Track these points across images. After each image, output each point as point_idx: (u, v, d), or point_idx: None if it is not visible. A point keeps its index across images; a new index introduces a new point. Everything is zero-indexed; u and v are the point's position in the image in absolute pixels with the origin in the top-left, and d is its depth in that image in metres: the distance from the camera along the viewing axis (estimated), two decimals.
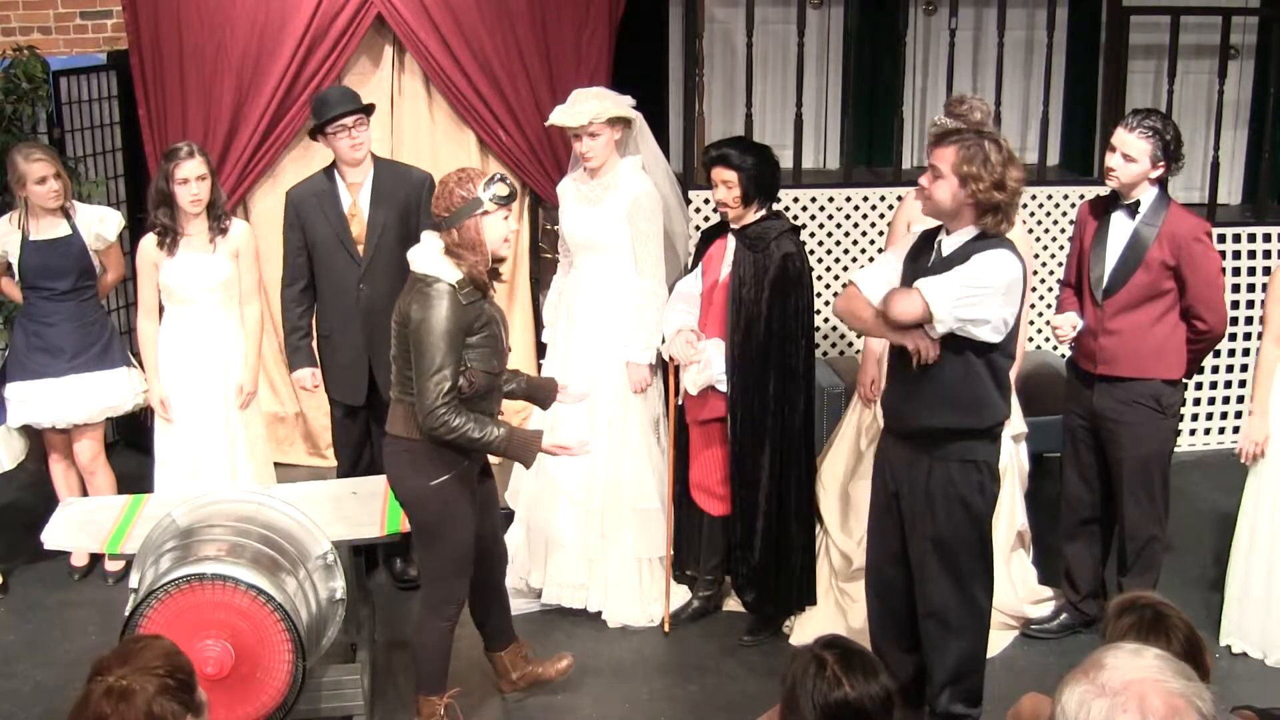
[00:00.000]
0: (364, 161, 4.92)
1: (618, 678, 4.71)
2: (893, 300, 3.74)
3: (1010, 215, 3.74)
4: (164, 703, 2.56)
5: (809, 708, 2.65)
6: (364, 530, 4.32)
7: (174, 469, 5.12)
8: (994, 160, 3.66)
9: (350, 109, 4.81)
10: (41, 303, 5.15)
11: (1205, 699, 1.95)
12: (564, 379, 4.77)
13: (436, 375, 3.76)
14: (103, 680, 2.56)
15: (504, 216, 3.90)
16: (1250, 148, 7.00)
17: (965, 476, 3.86)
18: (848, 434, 5.20)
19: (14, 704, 4.50)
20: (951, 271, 3.69)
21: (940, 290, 3.67)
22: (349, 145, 4.84)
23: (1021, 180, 3.73)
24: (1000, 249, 3.71)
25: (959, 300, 3.66)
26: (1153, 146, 4.41)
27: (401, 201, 4.90)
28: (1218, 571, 5.31)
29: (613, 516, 4.97)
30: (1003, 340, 3.76)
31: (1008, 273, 3.68)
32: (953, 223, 3.78)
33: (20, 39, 6.30)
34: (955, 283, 3.67)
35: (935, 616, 3.98)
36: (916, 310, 3.69)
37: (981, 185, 3.66)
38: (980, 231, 3.74)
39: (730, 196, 4.64)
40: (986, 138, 3.72)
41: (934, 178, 3.76)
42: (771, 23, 6.72)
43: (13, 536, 5.56)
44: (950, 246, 3.79)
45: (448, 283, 3.81)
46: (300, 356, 5.03)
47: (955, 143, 3.71)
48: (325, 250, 4.93)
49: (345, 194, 4.94)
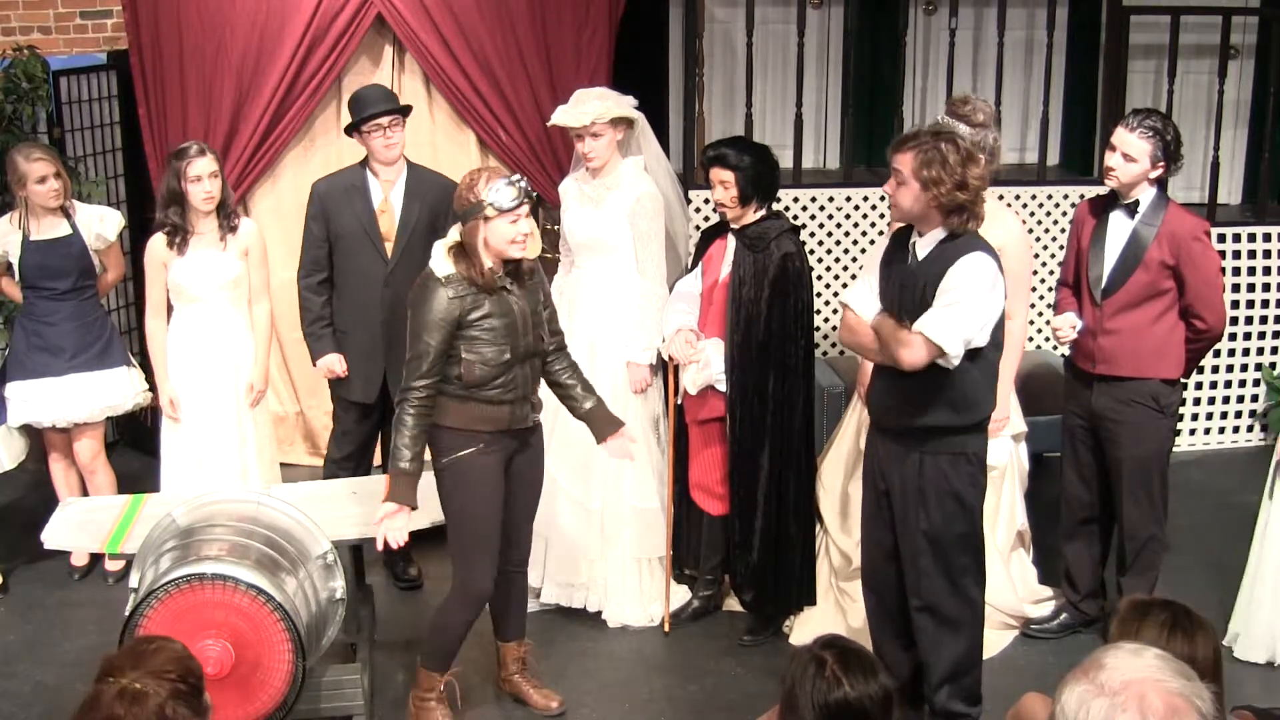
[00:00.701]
0: (398, 161, 4.94)
1: (618, 678, 4.71)
2: (900, 352, 3.73)
3: (977, 212, 3.76)
4: (176, 707, 2.56)
5: (808, 708, 2.65)
6: (364, 530, 4.32)
7: (182, 468, 5.10)
8: (952, 162, 3.68)
9: (386, 109, 4.83)
10: (41, 302, 5.15)
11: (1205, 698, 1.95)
12: None
13: (412, 361, 3.98)
14: (114, 682, 2.55)
15: (510, 220, 3.93)
16: (1250, 148, 6.99)
17: (956, 470, 3.87)
18: (848, 433, 5.19)
19: (14, 704, 4.50)
20: (942, 303, 3.69)
21: (942, 327, 3.67)
22: (383, 144, 4.86)
23: (983, 177, 3.75)
24: (971, 253, 3.72)
25: (961, 326, 3.68)
26: (1153, 146, 4.41)
27: (433, 203, 4.92)
28: (1218, 571, 5.31)
29: (613, 516, 4.97)
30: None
31: (987, 275, 3.71)
32: (922, 225, 3.82)
33: (20, 39, 6.30)
34: (951, 313, 3.68)
35: (929, 611, 3.99)
36: (925, 356, 3.70)
37: (943, 189, 3.68)
38: (950, 233, 3.75)
39: (728, 197, 4.65)
40: (943, 139, 3.73)
41: (897, 184, 3.79)
42: (771, 23, 6.72)
43: (13, 536, 5.56)
44: (925, 249, 3.82)
45: (439, 276, 3.96)
46: (324, 344, 5.00)
47: (913, 147, 3.73)
48: (351, 244, 4.93)
49: (377, 189, 4.95)
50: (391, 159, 4.91)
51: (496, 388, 4.02)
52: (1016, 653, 4.84)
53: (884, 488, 4.00)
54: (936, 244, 3.78)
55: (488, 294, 3.97)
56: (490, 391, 4.02)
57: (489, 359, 3.98)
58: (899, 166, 3.77)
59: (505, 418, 4.07)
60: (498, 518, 4.13)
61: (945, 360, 3.70)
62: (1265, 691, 4.48)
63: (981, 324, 3.71)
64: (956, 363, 3.71)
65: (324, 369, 5.05)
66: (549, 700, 4.45)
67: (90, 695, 2.57)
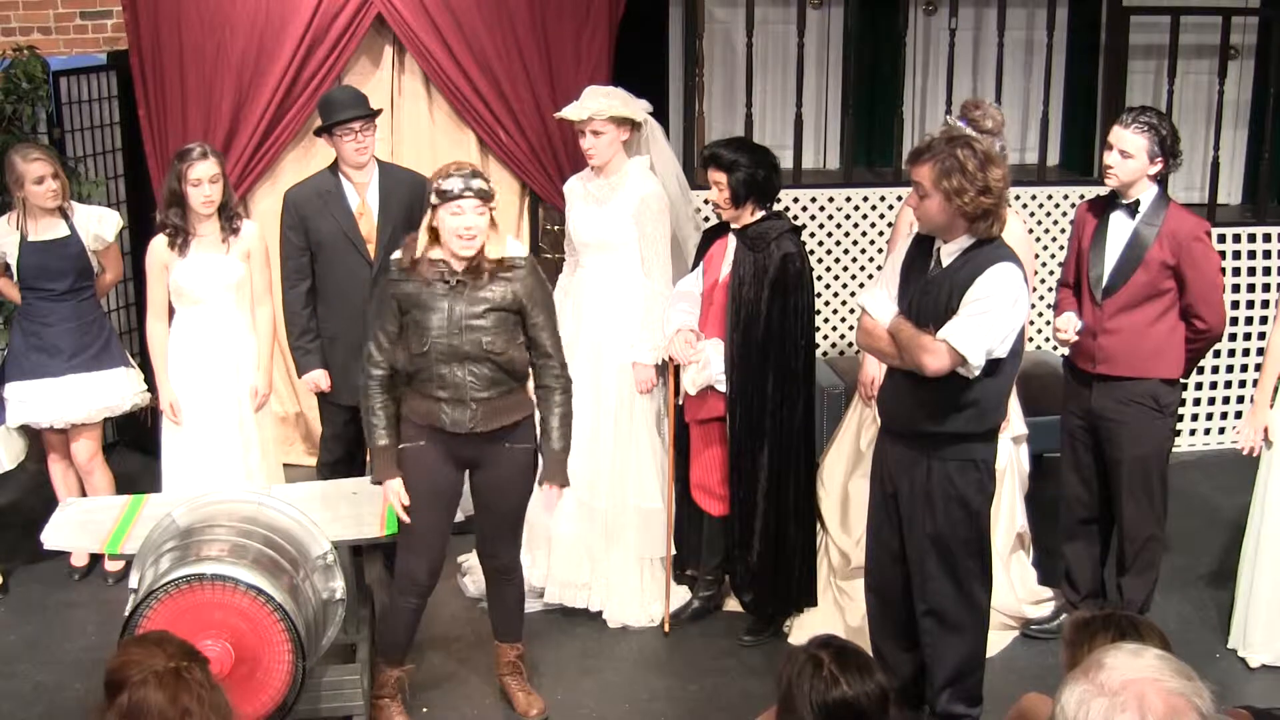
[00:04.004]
0: (369, 163, 4.93)
1: (618, 678, 4.71)
2: (923, 358, 3.71)
3: (1001, 214, 3.74)
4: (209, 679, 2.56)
5: (806, 707, 2.65)
6: (364, 530, 4.32)
7: (184, 471, 5.07)
8: (971, 168, 3.65)
9: (357, 114, 4.82)
10: (40, 303, 5.15)
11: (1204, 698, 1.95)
12: None
13: (369, 338, 4.15)
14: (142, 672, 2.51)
15: (453, 211, 3.93)
16: (1250, 148, 7.00)
17: (964, 476, 3.86)
18: (847, 433, 5.20)
19: (14, 704, 4.50)
20: (968, 312, 3.68)
21: (967, 336, 3.66)
22: (354, 149, 4.85)
23: (1004, 178, 3.73)
24: (1000, 263, 3.70)
25: (986, 336, 3.67)
26: (1149, 142, 4.41)
27: (408, 200, 4.91)
28: (1218, 571, 5.32)
29: (616, 516, 4.97)
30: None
31: (1013, 287, 3.69)
32: (947, 234, 3.78)
33: (20, 39, 6.30)
34: (977, 323, 3.66)
35: (934, 615, 3.98)
36: (948, 363, 3.69)
37: (967, 196, 3.65)
38: (976, 240, 3.74)
39: (720, 197, 4.64)
40: (959, 145, 3.69)
41: (920, 197, 3.77)
42: (771, 23, 6.73)
43: (13, 536, 5.56)
44: (950, 255, 3.79)
45: (394, 257, 4.12)
46: (311, 359, 5.00)
47: (930, 159, 3.70)
48: (333, 250, 4.91)
49: (353, 193, 4.94)
50: (363, 163, 4.89)
51: (425, 381, 4.06)
52: (1016, 653, 4.84)
53: (892, 490, 3.99)
54: (962, 251, 3.76)
55: (423, 284, 4.01)
56: (420, 384, 4.08)
57: (411, 349, 4.05)
58: (919, 180, 3.73)
59: (437, 415, 4.06)
60: (436, 516, 4.16)
61: (966, 369, 3.69)
62: (1265, 691, 4.49)
63: (1004, 335, 3.70)
64: (977, 373, 3.70)
65: (308, 384, 5.07)
66: (529, 706, 4.44)
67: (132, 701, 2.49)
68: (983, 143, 3.87)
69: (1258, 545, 4.68)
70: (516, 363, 4.11)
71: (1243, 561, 4.77)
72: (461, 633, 4.92)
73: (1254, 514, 4.72)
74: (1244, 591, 4.76)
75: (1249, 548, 4.73)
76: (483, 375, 4.04)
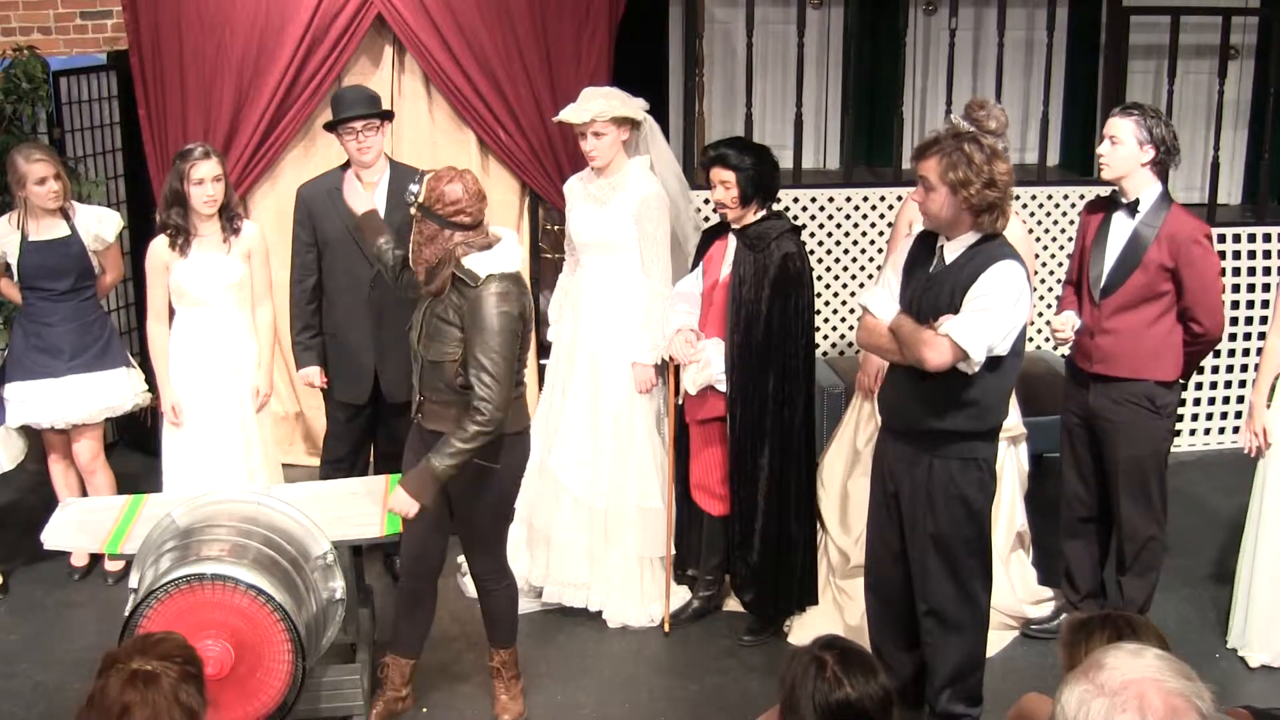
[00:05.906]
0: (376, 163, 4.92)
1: (618, 678, 4.71)
2: (924, 353, 3.71)
3: (1006, 209, 3.75)
4: (188, 690, 2.54)
5: (809, 709, 2.65)
6: (364, 530, 4.32)
7: (185, 471, 5.06)
8: (978, 161, 3.67)
9: (357, 114, 4.81)
10: (40, 303, 5.15)
11: (1205, 698, 1.95)
12: (568, 377, 4.96)
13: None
14: (122, 668, 2.52)
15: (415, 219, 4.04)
16: (1250, 148, 7.00)
17: (965, 474, 3.86)
18: (847, 432, 5.20)
19: (14, 704, 4.50)
20: (971, 309, 3.69)
21: (969, 332, 3.66)
22: (356, 148, 4.85)
23: (1009, 173, 3.74)
24: (1004, 260, 3.71)
25: (987, 333, 3.67)
26: (1136, 125, 4.41)
27: None
28: (1218, 571, 5.32)
29: (616, 515, 4.97)
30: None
31: (1016, 285, 3.70)
32: (952, 230, 3.79)
33: (20, 39, 6.30)
34: (978, 319, 3.67)
35: (935, 614, 3.98)
36: (949, 358, 3.69)
37: (973, 189, 3.66)
38: (981, 236, 3.75)
39: (728, 197, 4.64)
40: (965, 140, 3.72)
41: (925, 191, 3.78)
42: (771, 23, 6.73)
43: (13, 536, 5.56)
44: (954, 252, 3.79)
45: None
46: (310, 355, 5.03)
47: (936, 153, 3.72)
48: (338, 247, 4.92)
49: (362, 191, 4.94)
50: (367, 163, 4.88)
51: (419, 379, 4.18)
52: (1016, 653, 4.84)
53: (893, 490, 3.99)
54: (966, 248, 3.77)
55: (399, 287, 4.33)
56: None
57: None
58: (924, 174, 3.75)
59: (413, 409, 4.20)
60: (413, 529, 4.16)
61: (967, 365, 3.70)
62: (1265, 691, 4.49)
63: (1005, 332, 3.71)
64: (978, 368, 3.70)
65: (303, 379, 5.11)
66: (504, 711, 4.43)
67: (96, 688, 2.53)
68: (988, 139, 3.89)
69: (1256, 545, 4.68)
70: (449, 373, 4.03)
71: (1241, 561, 4.78)
72: (461, 633, 4.92)
73: (1252, 514, 4.72)
74: (1243, 591, 4.76)
75: (1248, 548, 4.74)
76: (428, 383, 4.09)
